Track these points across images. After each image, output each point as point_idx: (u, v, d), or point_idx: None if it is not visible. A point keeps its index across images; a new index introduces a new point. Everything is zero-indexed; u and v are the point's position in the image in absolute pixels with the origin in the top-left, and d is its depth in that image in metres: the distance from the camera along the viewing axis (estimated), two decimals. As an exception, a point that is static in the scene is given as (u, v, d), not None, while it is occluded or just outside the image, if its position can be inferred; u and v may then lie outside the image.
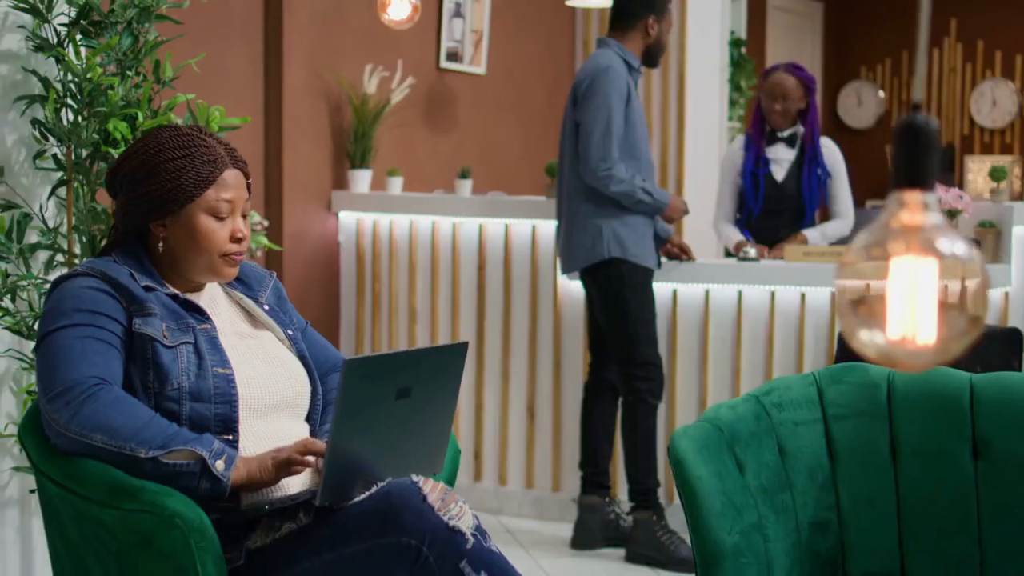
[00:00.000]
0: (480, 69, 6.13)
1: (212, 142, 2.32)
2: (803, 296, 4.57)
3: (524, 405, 4.99)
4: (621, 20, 4.54)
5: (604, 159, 4.31)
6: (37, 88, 3.25)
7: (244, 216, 2.35)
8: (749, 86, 7.19)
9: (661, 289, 4.63)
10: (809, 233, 4.98)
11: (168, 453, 2.10)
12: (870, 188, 8.46)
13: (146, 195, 2.28)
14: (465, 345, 2.27)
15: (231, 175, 2.32)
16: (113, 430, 2.10)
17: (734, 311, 4.65)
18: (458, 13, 5.95)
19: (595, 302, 4.51)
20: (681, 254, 4.63)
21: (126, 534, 2.03)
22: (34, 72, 3.22)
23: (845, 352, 4.08)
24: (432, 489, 2.10)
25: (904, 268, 1.15)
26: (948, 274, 1.16)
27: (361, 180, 5.33)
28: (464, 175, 5.30)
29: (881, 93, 9.41)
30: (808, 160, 4.97)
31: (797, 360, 4.57)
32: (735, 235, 5.02)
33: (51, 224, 3.32)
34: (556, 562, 4.41)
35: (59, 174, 3.30)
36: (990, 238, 4.60)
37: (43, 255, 3.31)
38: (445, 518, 2.07)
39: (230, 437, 2.22)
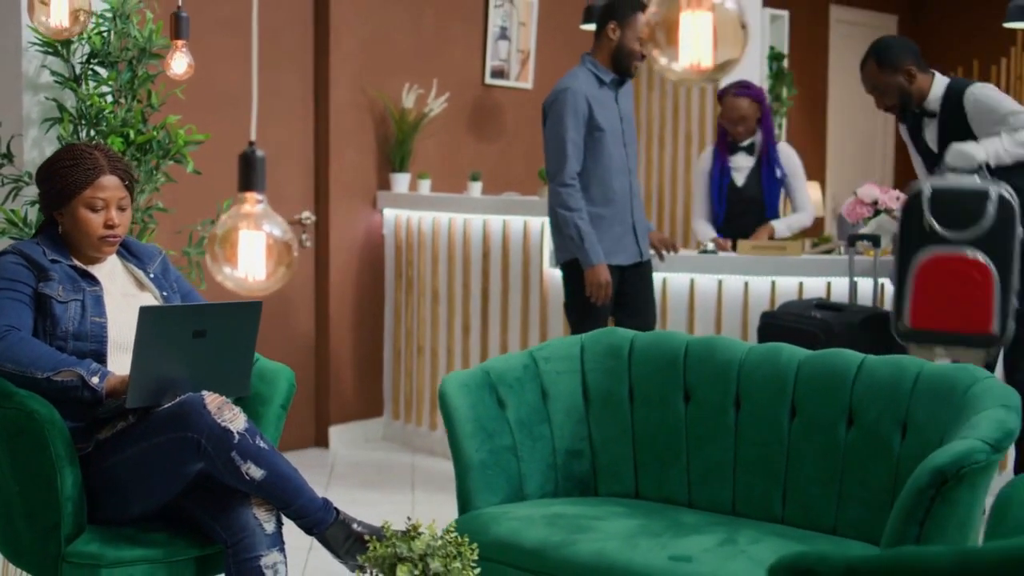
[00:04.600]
0: (527, 84, 6.91)
1: (98, 155, 3.24)
2: (746, 284, 5.23)
3: (519, 375, 5.78)
4: (595, 32, 4.96)
5: (553, 178, 4.84)
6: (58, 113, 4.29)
7: (122, 209, 3.26)
8: (789, 96, 7.75)
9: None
10: (776, 224, 5.60)
11: (57, 373, 3.03)
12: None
13: (47, 192, 3.23)
14: (258, 304, 3.12)
15: (108, 179, 3.22)
16: (18, 360, 3.04)
17: (686, 297, 5.34)
18: (503, 36, 6.77)
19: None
20: (661, 248, 5.22)
21: (7, 425, 2.98)
22: (54, 100, 4.25)
23: (763, 335, 4.73)
24: (212, 400, 2.96)
25: (246, 237, 1.98)
26: (272, 241, 1.99)
27: (401, 182, 6.23)
28: (475, 178, 6.13)
29: (954, 99, 9.65)
30: (765, 163, 5.59)
31: (742, 338, 5.21)
32: (709, 231, 5.68)
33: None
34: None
35: (77, 178, 4.33)
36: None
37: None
38: (219, 420, 2.93)
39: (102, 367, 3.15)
